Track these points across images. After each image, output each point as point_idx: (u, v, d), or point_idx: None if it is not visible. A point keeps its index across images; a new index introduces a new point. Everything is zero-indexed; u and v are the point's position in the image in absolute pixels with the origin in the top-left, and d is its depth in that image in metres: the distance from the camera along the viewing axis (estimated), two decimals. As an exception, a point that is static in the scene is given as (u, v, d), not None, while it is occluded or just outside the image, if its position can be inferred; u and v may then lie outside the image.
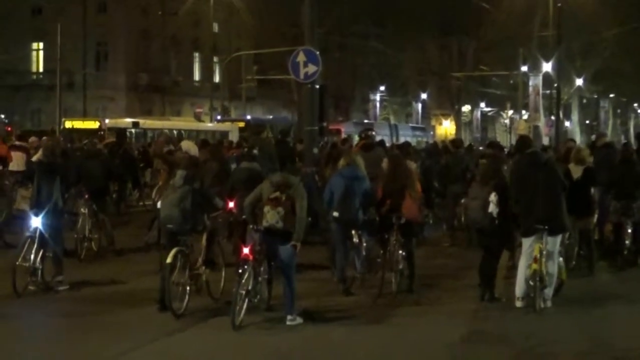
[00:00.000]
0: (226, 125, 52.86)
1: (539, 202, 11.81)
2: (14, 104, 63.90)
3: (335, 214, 13.08)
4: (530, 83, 58.58)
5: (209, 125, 54.37)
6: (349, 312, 11.92)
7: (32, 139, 22.63)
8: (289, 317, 11.02)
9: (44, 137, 22.46)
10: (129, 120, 45.84)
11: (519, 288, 12.04)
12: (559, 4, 46.01)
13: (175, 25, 64.36)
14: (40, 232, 12.71)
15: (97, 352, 9.80)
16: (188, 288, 11.61)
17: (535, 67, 58.10)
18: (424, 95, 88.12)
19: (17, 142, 23.29)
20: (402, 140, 40.97)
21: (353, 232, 13.36)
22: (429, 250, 17.27)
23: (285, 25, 54.40)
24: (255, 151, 18.51)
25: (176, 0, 63.25)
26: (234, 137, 43.67)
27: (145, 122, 46.22)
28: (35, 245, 12.64)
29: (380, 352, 10.11)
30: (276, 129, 48.98)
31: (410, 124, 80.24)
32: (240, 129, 49.44)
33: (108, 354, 9.72)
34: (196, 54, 72.65)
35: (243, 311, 10.85)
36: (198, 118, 59.03)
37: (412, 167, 15.10)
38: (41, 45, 66.21)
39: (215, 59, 70.86)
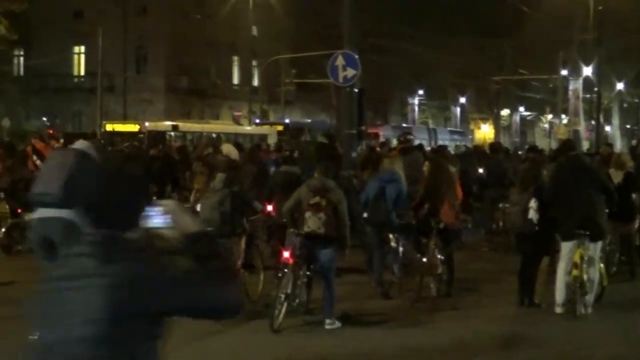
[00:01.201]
0: (265, 129, 52.98)
1: (580, 207, 11.69)
2: (56, 107, 64.51)
3: (365, 214, 13.13)
4: (570, 87, 58.18)
5: (248, 128, 54.54)
6: (388, 315, 11.92)
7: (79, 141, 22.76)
8: (327, 320, 11.04)
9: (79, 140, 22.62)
10: (168, 123, 46.10)
11: (559, 294, 11.95)
12: (600, 7, 45.66)
13: (214, 28, 64.61)
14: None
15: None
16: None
17: (575, 71, 57.71)
18: (462, 99, 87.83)
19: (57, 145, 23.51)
20: (440, 144, 40.86)
21: (390, 235, 13.35)
22: (467, 255, 17.20)
23: (324, 28, 54.42)
24: (295, 154, 18.54)
25: (215, 4, 63.55)
26: (272, 140, 43.77)
27: (185, 125, 46.47)
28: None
29: (418, 356, 10.09)
30: (315, 132, 49.10)
31: (449, 128, 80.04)
32: (279, 133, 49.55)
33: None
34: (235, 58, 72.85)
35: (282, 314, 10.88)
36: (237, 121, 59.25)
37: (451, 171, 15.05)
38: (82, 48, 66.74)
39: (254, 62, 71.10)
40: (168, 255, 3.64)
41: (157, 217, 3.72)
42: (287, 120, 59.15)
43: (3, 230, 16.69)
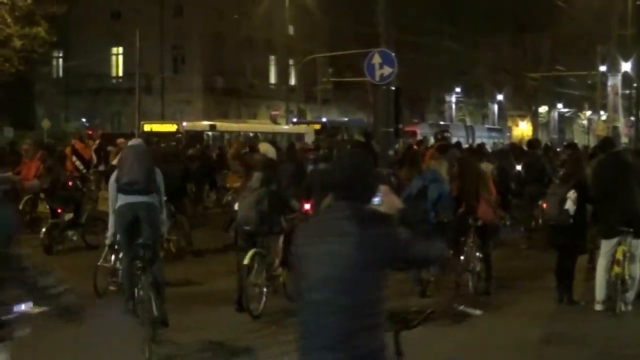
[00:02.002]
0: (302, 128, 53.05)
1: (624, 204, 11.59)
2: (95, 108, 65.04)
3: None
4: (609, 83, 57.69)
5: (285, 127, 54.63)
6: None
7: (120, 140, 22.97)
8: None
9: (120, 140, 22.86)
10: (206, 123, 46.31)
11: (599, 291, 11.87)
12: (638, 2, 45.25)
13: (251, 27, 64.80)
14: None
15: (174, 351, 9.95)
16: (265, 289, 11.71)
17: (613, 67, 57.21)
18: (500, 96, 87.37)
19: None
20: (478, 141, 40.74)
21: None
22: (506, 252, 17.13)
23: (360, 26, 54.38)
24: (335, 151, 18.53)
25: (251, 3, 63.72)
26: (309, 139, 43.81)
27: (222, 125, 46.64)
28: (116, 246, 12.83)
29: (456, 353, 10.07)
30: (351, 131, 49.11)
31: (487, 125, 79.68)
32: (316, 131, 49.58)
33: (184, 352, 9.86)
34: (272, 57, 73.02)
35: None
36: (274, 120, 59.35)
37: (488, 169, 14.98)
38: (120, 49, 67.17)
39: (290, 61, 71.24)
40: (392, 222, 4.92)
41: (375, 197, 4.99)
42: (324, 119, 59.17)
43: (43, 230, 16.85)
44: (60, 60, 69.43)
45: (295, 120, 59.86)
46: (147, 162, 11.04)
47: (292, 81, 70.90)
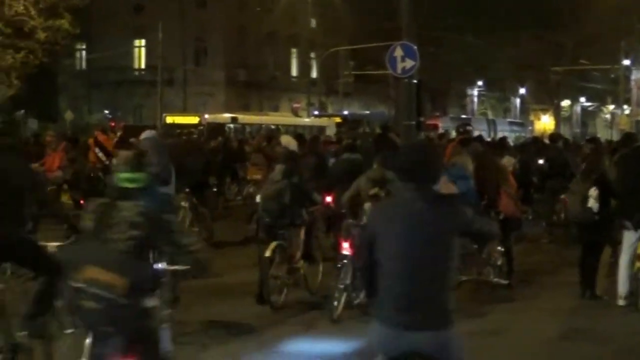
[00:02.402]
0: (323, 121, 53.07)
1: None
2: (117, 100, 65.29)
3: None
4: (633, 77, 57.48)
5: (306, 120, 54.67)
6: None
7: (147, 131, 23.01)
8: (386, 311, 11.04)
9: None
10: (227, 115, 46.40)
11: (622, 286, 11.82)
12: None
13: (273, 21, 64.84)
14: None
15: (196, 342, 10.00)
16: (286, 281, 11.73)
17: (637, 60, 56.94)
18: (522, 90, 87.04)
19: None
20: (500, 135, 40.60)
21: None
22: (527, 247, 17.09)
23: (382, 20, 54.32)
24: (358, 142, 18.55)
25: (273, -4, 63.83)
26: (330, 132, 43.82)
27: (244, 118, 46.72)
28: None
29: (478, 347, 10.05)
30: (373, 124, 49.08)
31: (508, 119, 79.40)
32: (337, 124, 49.59)
33: (205, 344, 9.90)
34: (293, 50, 73.04)
35: (341, 305, 10.92)
36: (295, 113, 59.41)
37: (510, 163, 14.93)
38: (143, 42, 67.36)
39: (312, 54, 71.20)
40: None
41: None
42: (345, 112, 59.18)
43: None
44: (84, 52, 69.68)
45: (316, 113, 59.88)
46: (164, 156, 11.37)
47: (314, 74, 70.91)
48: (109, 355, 5.83)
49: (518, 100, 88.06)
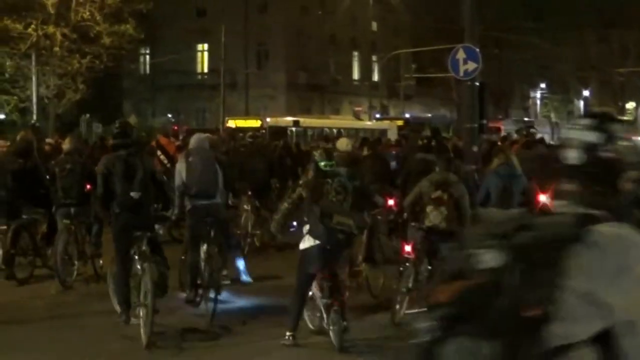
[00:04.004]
0: (385, 124, 52.98)
1: None
2: (180, 104, 65.87)
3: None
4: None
5: (368, 123, 54.64)
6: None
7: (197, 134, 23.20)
8: (449, 314, 11.00)
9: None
10: (289, 118, 46.54)
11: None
12: None
13: (334, 24, 64.92)
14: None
15: (260, 342, 10.08)
16: (348, 284, 11.75)
17: None
18: (585, 92, 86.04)
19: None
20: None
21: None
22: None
23: (444, 22, 54.11)
24: (433, 143, 18.56)
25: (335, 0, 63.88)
26: (392, 135, 43.74)
27: (305, 121, 46.83)
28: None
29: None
30: (433, 127, 48.85)
31: (572, 122, 78.49)
32: (399, 127, 49.46)
33: (271, 344, 9.97)
34: (355, 53, 73.04)
35: (404, 308, 10.92)
36: (357, 116, 59.41)
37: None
38: (205, 46, 67.91)
39: (373, 57, 71.21)
40: None
41: None
42: (407, 115, 59.03)
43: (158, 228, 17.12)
44: (147, 57, 70.40)
45: (378, 116, 59.81)
46: (214, 168, 11.98)
47: (375, 77, 70.88)
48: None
49: (582, 103, 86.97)
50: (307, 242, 9.88)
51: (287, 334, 9.83)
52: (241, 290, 12.92)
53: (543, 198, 12.93)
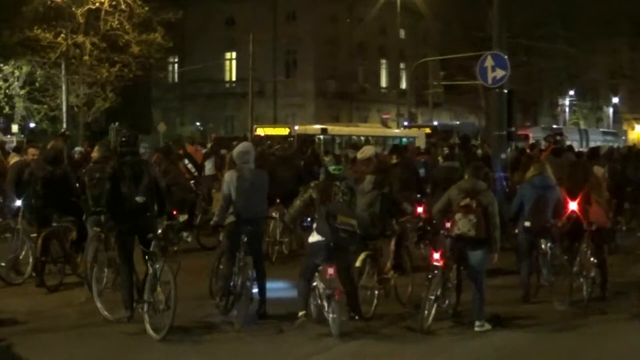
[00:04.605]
0: (413, 132, 52.89)
1: None
2: (209, 112, 66.13)
3: (527, 223, 12.80)
4: None
5: (396, 131, 54.57)
6: (539, 319, 11.76)
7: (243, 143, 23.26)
8: (477, 323, 11.00)
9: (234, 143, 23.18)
10: (317, 126, 46.57)
11: None
12: None
13: (363, 32, 64.96)
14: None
15: (291, 351, 10.08)
16: (376, 292, 11.75)
17: None
18: (615, 99, 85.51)
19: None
20: (592, 145, 39.96)
21: (542, 239, 13.11)
22: (622, 258, 16.78)
23: (472, 30, 53.99)
24: (456, 151, 18.53)
25: (363, 8, 63.91)
26: (420, 143, 43.65)
27: (333, 129, 46.84)
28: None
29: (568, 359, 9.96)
30: (462, 134, 48.71)
31: (601, 129, 78.04)
32: (427, 135, 49.37)
33: (301, 352, 9.98)
34: (383, 61, 73.04)
35: (432, 316, 10.90)
36: (385, 124, 59.35)
37: (599, 172, 14.72)
38: (234, 54, 68.11)
39: (402, 65, 71.17)
40: None
41: None
42: (435, 123, 58.91)
43: (159, 231, 17.15)
44: (176, 65, 70.74)
45: (406, 123, 59.72)
46: (263, 189, 11.83)
47: (404, 85, 70.83)
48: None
49: (611, 110, 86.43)
50: (314, 237, 10.87)
51: (300, 314, 10.73)
52: (270, 298, 12.92)
53: (572, 205, 12.85)
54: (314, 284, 10.93)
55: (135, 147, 11.46)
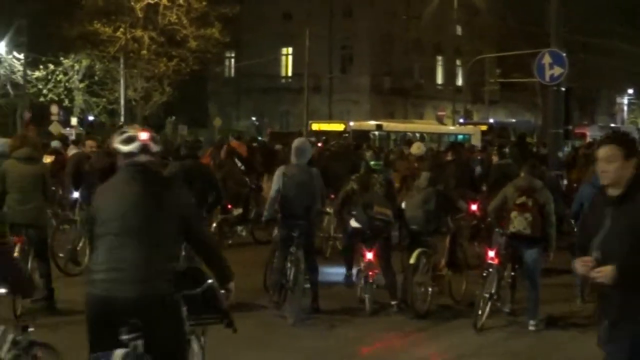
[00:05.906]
0: (468, 129, 52.59)
1: None
2: (264, 107, 66.39)
3: None
4: None
5: (451, 128, 54.33)
6: (593, 318, 11.64)
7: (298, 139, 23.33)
8: (531, 322, 10.95)
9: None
10: (372, 122, 46.52)
11: None
12: None
13: (419, 28, 64.75)
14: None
15: (341, 347, 10.14)
16: (430, 289, 11.75)
17: None
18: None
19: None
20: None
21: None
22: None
23: (530, 26, 53.50)
24: (506, 150, 18.41)
25: (420, 4, 63.71)
26: (476, 140, 43.44)
27: (388, 125, 46.79)
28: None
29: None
30: (518, 132, 48.37)
31: (661, 128, 76.96)
32: (483, 132, 49.06)
33: (351, 350, 10.03)
34: (439, 57, 72.72)
35: (486, 314, 10.88)
36: (440, 121, 59.13)
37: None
38: (290, 50, 68.24)
39: (458, 61, 70.84)
40: None
41: None
42: (491, 120, 58.54)
43: (214, 225, 17.29)
44: (233, 60, 71.03)
45: (462, 120, 59.42)
46: (313, 186, 11.59)
47: (459, 82, 70.45)
48: None
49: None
50: (353, 224, 11.96)
51: (346, 273, 12.31)
52: (322, 295, 12.97)
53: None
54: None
55: (196, 151, 12.30)
